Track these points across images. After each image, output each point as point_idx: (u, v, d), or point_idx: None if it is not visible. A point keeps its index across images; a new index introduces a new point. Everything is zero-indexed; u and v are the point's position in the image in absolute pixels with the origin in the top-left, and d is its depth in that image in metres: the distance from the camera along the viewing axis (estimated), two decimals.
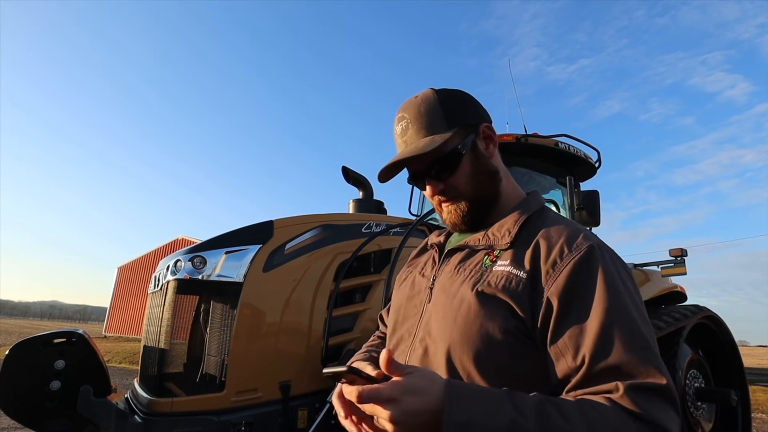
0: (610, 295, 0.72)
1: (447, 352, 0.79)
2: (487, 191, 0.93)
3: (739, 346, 3.63)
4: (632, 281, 0.79)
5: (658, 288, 3.75)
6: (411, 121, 0.90)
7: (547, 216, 0.89)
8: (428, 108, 0.89)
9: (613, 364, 0.68)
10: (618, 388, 0.66)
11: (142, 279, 26.36)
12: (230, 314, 1.85)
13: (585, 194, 2.96)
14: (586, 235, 0.80)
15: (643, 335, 0.70)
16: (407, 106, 0.92)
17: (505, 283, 0.78)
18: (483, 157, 0.93)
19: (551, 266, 0.76)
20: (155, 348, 1.90)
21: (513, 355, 0.75)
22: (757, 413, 7.28)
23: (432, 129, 0.88)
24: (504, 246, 0.84)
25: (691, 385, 3.12)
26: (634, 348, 0.68)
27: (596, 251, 0.76)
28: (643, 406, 0.64)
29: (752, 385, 7.97)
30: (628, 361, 0.67)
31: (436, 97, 0.91)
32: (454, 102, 0.92)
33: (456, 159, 0.89)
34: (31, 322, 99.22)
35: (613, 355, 0.68)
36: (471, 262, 0.87)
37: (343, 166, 2.95)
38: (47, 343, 1.67)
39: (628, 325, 0.70)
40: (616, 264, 0.78)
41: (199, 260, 1.85)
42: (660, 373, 0.67)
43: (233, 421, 1.68)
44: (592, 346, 0.69)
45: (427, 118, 0.89)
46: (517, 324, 0.75)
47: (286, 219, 2.11)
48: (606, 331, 0.69)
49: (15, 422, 1.69)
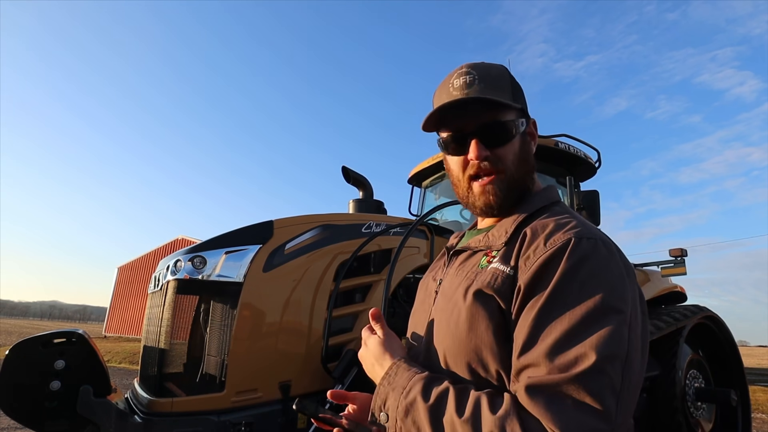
0: (558, 289, 0.67)
1: (444, 357, 0.80)
2: (524, 178, 0.87)
3: (739, 346, 3.64)
4: (621, 275, 0.70)
5: (658, 288, 3.75)
6: (479, 77, 0.83)
7: (548, 211, 0.84)
8: (499, 74, 0.86)
9: (532, 361, 0.65)
10: (523, 382, 0.65)
11: (142, 279, 26.36)
12: (230, 314, 1.84)
13: (585, 194, 2.96)
14: (571, 228, 0.73)
15: (584, 332, 0.63)
16: (475, 65, 0.86)
17: (491, 280, 0.76)
18: (530, 148, 0.90)
19: (524, 261, 0.74)
20: (155, 348, 1.90)
21: (502, 356, 0.73)
22: (757, 413, 7.28)
23: (501, 92, 0.83)
24: (500, 246, 0.82)
25: (691, 385, 3.12)
26: (558, 344, 0.64)
27: (572, 243, 0.70)
28: (541, 406, 0.61)
29: (752, 385, 7.97)
30: (544, 358, 0.64)
31: (507, 71, 0.87)
32: (518, 84, 0.89)
33: (512, 131, 0.85)
34: (31, 322, 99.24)
35: (536, 349, 0.65)
36: (469, 264, 0.86)
37: (343, 166, 2.95)
38: (47, 343, 1.67)
39: (571, 314, 0.65)
40: (598, 255, 0.70)
41: (199, 260, 1.85)
42: (581, 363, 0.61)
43: (233, 421, 1.68)
44: (524, 338, 0.68)
45: (497, 82, 0.84)
46: (502, 323, 0.74)
47: (286, 219, 2.10)
48: (539, 324, 0.67)
49: (15, 422, 1.69)
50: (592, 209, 2.91)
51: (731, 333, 3.58)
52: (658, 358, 3.04)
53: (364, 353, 0.89)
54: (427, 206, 3.87)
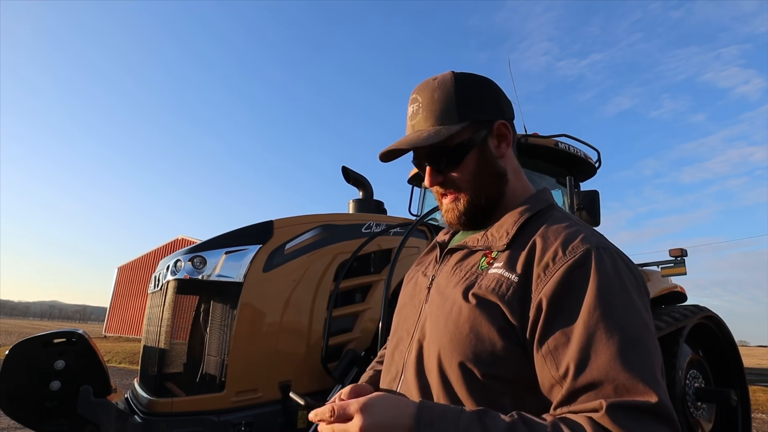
0: (601, 302, 0.66)
1: (438, 355, 0.78)
2: (488, 192, 0.88)
3: (739, 346, 3.63)
4: (638, 287, 0.72)
5: (658, 288, 3.75)
6: (422, 105, 0.86)
7: (551, 215, 0.83)
8: (442, 95, 0.85)
9: (597, 379, 0.62)
10: (601, 406, 0.60)
11: (142, 279, 26.35)
12: (230, 314, 1.85)
13: (585, 194, 2.96)
14: (586, 237, 0.74)
15: (637, 346, 0.64)
16: (423, 87, 0.88)
17: (495, 287, 0.74)
18: (491, 157, 0.88)
19: (543, 270, 0.72)
20: (155, 348, 1.90)
21: (501, 361, 0.72)
22: (757, 413, 7.28)
23: (441, 119, 0.84)
24: (501, 247, 0.80)
25: (691, 385, 3.12)
26: (623, 361, 0.62)
27: (594, 254, 0.71)
28: (628, 428, 0.59)
29: (752, 385, 7.97)
30: (613, 376, 0.61)
31: (453, 84, 0.85)
32: (473, 92, 0.86)
33: (460, 154, 0.85)
34: (31, 322, 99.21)
35: (597, 368, 0.63)
36: (468, 263, 0.84)
37: (343, 166, 2.95)
38: (47, 343, 1.67)
39: (618, 335, 0.64)
40: (618, 268, 0.71)
41: (199, 260, 1.85)
42: (651, 389, 0.60)
43: (233, 421, 1.68)
44: (575, 356, 0.64)
45: (439, 106, 0.84)
46: (506, 329, 0.72)
47: (286, 219, 2.10)
48: (591, 341, 0.64)
49: (15, 422, 1.69)
50: (592, 209, 2.91)
51: (731, 333, 3.58)
52: None
53: (368, 418, 0.65)
54: (427, 206, 3.87)
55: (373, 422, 0.64)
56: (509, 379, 0.72)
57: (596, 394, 0.62)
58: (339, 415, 0.66)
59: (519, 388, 0.72)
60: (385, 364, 0.94)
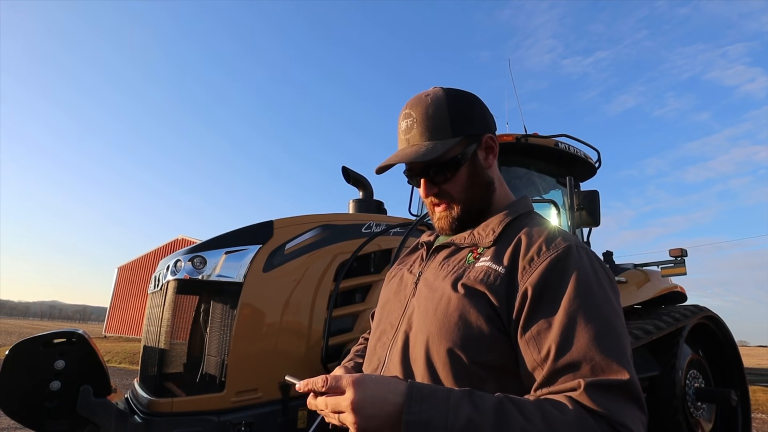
0: (580, 292, 0.73)
1: (426, 343, 0.81)
2: (479, 201, 0.95)
3: (739, 346, 3.64)
4: (610, 282, 0.80)
5: (658, 288, 3.75)
6: (417, 120, 0.90)
7: (532, 219, 0.92)
8: (436, 111, 0.90)
9: (576, 360, 0.68)
10: (579, 385, 0.66)
11: (142, 279, 26.36)
12: (230, 314, 1.85)
13: (585, 194, 2.96)
14: (566, 236, 0.83)
15: (611, 332, 0.71)
16: (415, 103, 0.92)
17: (483, 277, 0.80)
18: (481, 168, 0.94)
19: (528, 262, 0.78)
20: (155, 348, 1.90)
21: (488, 347, 0.77)
22: (757, 413, 7.28)
23: (436, 134, 0.89)
24: (487, 244, 0.87)
25: (691, 385, 3.12)
26: (599, 344, 0.69)
27: (573, 250, 0.79)
28: (603, 405, 0.65)
29: (752, 385, 7.96)
30: (591, 357, 0.68)
31: (445, 100, 0.91)
32: (463, 108, 0.92)
33: (454, 167, 0.91)
34: (31, 322, 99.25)
35: (575, 350, 0.69)
36: (455, 259, 0.90)
37: (344, 166, 2.95)
38: (47, 343, 1.67)
39: (595, 322, 0.71)
40: (594, 264, 0.79)
41: (199, 260, 1.85)
42: (623, 368, 0.67)
43: (233, 421, 1.68)
44: (556, 340, 0.70)
45: (433, 122, 0.89)
46: (493, 317, 0.77)
47: (286, 219, 2.11)
48: (571, 327, 0.70)
49: (15, 422, 1.69)
50: (592, 209, 2.91)
51: (731, 333, 3.58)
52: (658, 358, 3.04)
53: (360, 392, 0.67)
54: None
55: (364, 396, 0.66)
56: (494, 365, 0.77)
57: (574, 375, 0.68)
58: (331, 387, 0.69)
59: (502, 374, 0.77)
60: (367, 356, 0.98)
